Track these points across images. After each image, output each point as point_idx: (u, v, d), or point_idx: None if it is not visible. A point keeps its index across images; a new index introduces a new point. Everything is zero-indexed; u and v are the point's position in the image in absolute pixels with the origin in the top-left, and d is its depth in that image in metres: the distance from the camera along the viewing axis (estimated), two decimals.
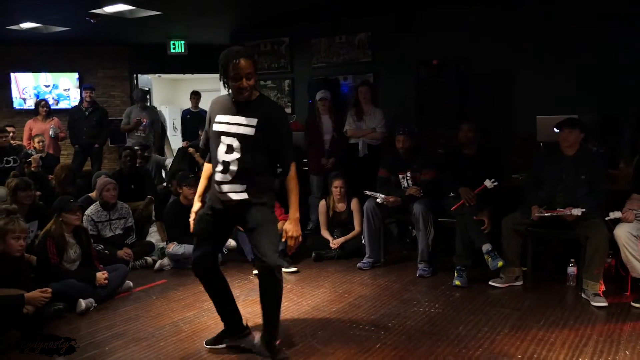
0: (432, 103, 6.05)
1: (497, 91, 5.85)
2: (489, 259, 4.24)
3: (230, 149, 2.82)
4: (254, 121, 2.82)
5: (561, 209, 3.98)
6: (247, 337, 3.13)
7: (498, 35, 5.78)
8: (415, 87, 6.28)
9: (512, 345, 3.15)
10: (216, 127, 2.88)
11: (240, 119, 2.83)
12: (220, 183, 2.87)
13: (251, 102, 2.86)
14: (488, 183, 4.41)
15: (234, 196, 2.85)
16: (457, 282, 4.26)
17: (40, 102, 7.71)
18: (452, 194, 4.60)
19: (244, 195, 2.85)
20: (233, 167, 2.82)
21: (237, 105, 2.86)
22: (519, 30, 5.65)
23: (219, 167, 2.86)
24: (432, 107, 6.06)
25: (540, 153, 4.75)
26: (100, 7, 6.25)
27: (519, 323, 3.49)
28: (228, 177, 2.84)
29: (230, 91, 2.86)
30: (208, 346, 3.18)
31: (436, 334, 3.35)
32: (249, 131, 2.81)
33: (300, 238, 2.95)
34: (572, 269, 4.20)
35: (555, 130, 4.17)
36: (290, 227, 2.91)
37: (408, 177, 4.82)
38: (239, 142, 2.81)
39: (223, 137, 2.85)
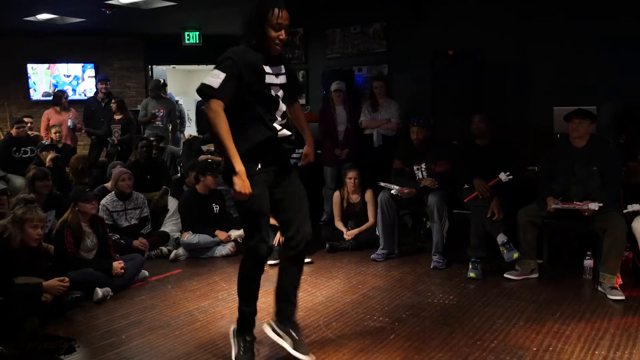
0: (447, 94, 6.01)
1: (513, 82, 5.79)
2: (505, 251, 4.22)
3: (277, 100, 2.75)
4: (283, 69, 2.79)
5: (578, 202, 3.93)
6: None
7: (514, 24, 5.71)
8: (430, 78, 6.23)
9: (528, 338, 3.14)
10: (260, 82, 2.68)
11: (279, 69, 2.76)
12: (279, 130, 2.76)
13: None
14: (503, 176, 4.36)
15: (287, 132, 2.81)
16: (471, 274, 4.24)
17: (64, 94, 7.77)
18: (466, 186, 4.57)
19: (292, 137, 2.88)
20: (284, 120, 2.80)
21: (268, 57, 2.70)
22: (536, 20, 5.58)
23: (278, 118, 2.76)
24: (447, 98, 6.02)
25: (552, 145, 4.68)
26: None
27: (535, 315, 3.47)
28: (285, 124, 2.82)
29: (254, 43, 2.68)
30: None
31: (451, 326, 3.34)
32: (283, 79, 2.78)
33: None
34: (588, 262, 4.16)
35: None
36: (309, 150, 3.27)
37: (423, 169, 4.80)
38: (283, 91, 2.78)
39: (273, 88, 2.73)
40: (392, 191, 4.71)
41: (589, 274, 4.14)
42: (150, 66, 9.72)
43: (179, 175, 6.94)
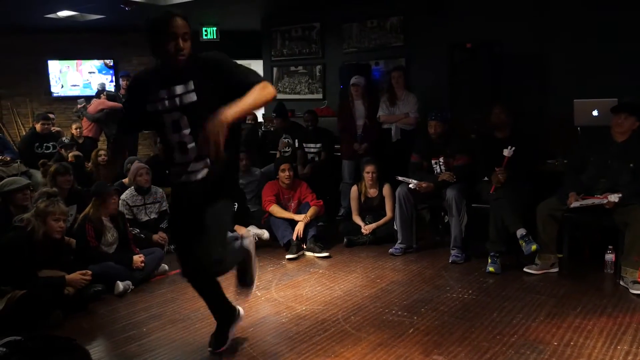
0: (465, 87, 5.95)
1: (532, 74, 5.71)
2: (523, 244, 4.17)
3: (176, 126, 2.42)
4: (191, 85, 2.39)
5: (598, 196, 3.89)
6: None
7: (533, 16, 5.64)
8: (448, 71, 6.18)
9: (548, 332, 3.11)
10: (151, 107, 2.45)
11: (184, 87, 2.39)
12: (181, 164, 2.50)
13: (183, 67, 2.39)
14: (506, 152, 4.35)
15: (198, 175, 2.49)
16: (490, 269, 4.22)
17: (104, 89, 7.90)
18: (485, 178, 4.54)
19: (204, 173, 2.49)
20: (188, 141, 2.44)
21: (169, 76, 2.41)
22: (555, 11, 5.50)
23: (175, 148, 2.48)
24: (465, 91, 5.96)
25: (585, 137, 4.62)
26: None
27: (555, 310, 3.44)
28: (189, 156, 2.47)
29: (159, 63, 2.45)
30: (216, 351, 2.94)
31: (470, 320, 3.33)
32: (190, 98, 2.39)
33: (221, 142, 2.10)
34: (610, 256, 4.11)
35: (594, 113, 4.05)
36: (211, 122, 2.10)
37: (441, 163, 4.77)
38: (183, 114, 2.41)
39: (165, 116, 2.43)
40: (410, 185, 4.70)
41: (611, 268, 4.09)
42: None
43: None
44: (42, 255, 3.55)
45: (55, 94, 9.44)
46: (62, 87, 9.45)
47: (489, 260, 4.27)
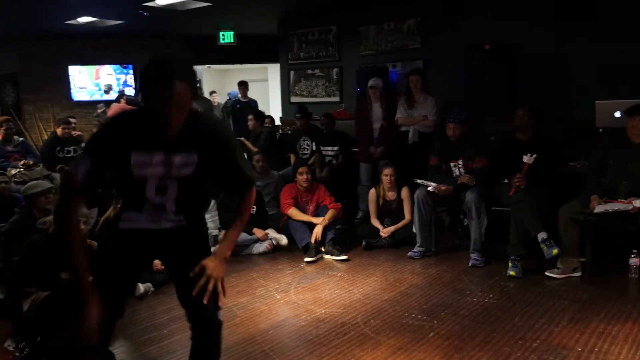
0: (484, 89, 5.91)
1: (551, 76, 5.65)
2: (545, 247, 4.11)
3: (162, 189, 2.04)
4: (193, 157, 2.01)
5: (622, 200, 3.82)
6: None
7: (552, 17, 5.57)
8: (466, 73, 6.13)
9: (572, 338, 3.07)
10: (137, 171, 1.98)
11: (178, 158, 1.99)
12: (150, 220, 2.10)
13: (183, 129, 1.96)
14: (526, 158, 4.30)
15: (167, 225, 2.11)
16: (511, 272, 4.17)
17: (123, 94, 8.02)
18: (505, 181, 4.50)
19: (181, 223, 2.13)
20: (170, 207, 2.08)
21: (167, 138, 1.96)
22: (575, 11, 5.42)
23: (147, 206, 2.07)
24: (483, 93, 5.91)
25: (604, 139, 4.56)
26: None
27: (578, 315, 3.39)
28: (163, 215, 2.10)
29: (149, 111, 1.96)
30: None
31: (491, 325, 3.29)
32: (188, 171, 2.02)
33: (222, 280, 2.12)
34: (634, 260, 4.03)
35: (617, 115, 3.99)
36: (213, 265, 2.07)
37: (460, 165, 4.74)
38: (175, 182, 2.03)
39: (149, 181, 2.01)
40: (429, 188, 4.67)
41: (635, 273, 4.02)
42: None
43: None
44: (64, 257, 3.59)
45: (75, 99, 9.59)
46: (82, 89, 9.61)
47: (510, 264, 4.22)
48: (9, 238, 3.99)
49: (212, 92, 11.54)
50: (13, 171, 5.83)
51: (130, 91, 9.40)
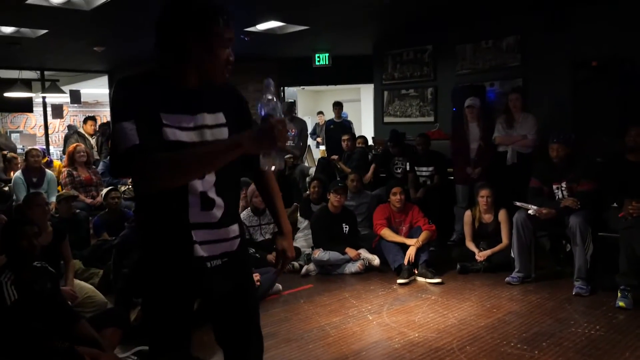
0: (591, 107, 5.61)
1: None
2: None
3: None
4: (221, 116, 1.72)
5: None
6: None
7: None
8: (572, 91, 5.85)
9: None
10: (172, 134, 1.61)
11: (207, 118, 1.69)
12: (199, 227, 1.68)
13: (209, 89, 1.71)
14: None
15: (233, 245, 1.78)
16: (620, 303, 3.88)
17: None
18: (615, 205, 4.22)
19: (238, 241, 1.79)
20: (212, 196, 1.68)
21: (192, 97, 1.67)
22: None
23: (193, 200, 1.65)
24: (590, 112, 5.62)
25: None
26: (255, 25, 6.71)
27: None
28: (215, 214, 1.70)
29: (175, 71, 1.68)
30: None
31: (598, 358, 3.08)
32: (222, 133, 1.71)
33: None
34: None
35: None
36: (289, 246, 1.92)
37: (563, 188, 4.51)
38: None
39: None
40: (530, 211, 4.47)
41: None
42: (282, 88, 10.21)
43: (307, 192, 7.18)
44: None
45: None
46: None
47: (619, 294, 3.94)
48: (119, 251, 4.29)
49: (319, 113, 11.83)
50: (123, 188, 6.30)
51: None
